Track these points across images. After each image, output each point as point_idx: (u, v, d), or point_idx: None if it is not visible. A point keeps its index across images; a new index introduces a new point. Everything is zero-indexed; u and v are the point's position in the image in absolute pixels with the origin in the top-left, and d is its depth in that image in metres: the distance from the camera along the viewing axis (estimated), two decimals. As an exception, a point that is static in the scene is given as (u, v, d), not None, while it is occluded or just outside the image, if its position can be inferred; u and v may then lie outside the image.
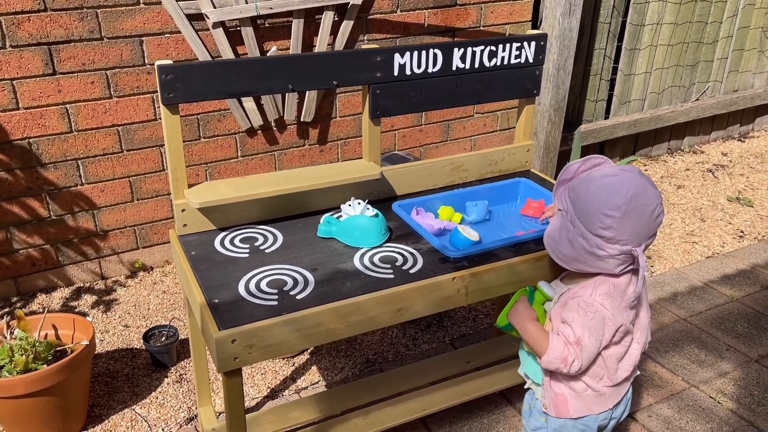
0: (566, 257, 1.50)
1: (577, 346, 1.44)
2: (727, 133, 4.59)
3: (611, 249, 1.41)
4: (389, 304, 1.50)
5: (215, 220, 1.75)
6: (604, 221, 1.39)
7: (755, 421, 2.14)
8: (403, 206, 1.88)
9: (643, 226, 1.41)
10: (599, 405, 1.55)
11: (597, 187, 1.42)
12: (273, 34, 2.84)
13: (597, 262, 1.45)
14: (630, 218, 1.39)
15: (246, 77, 1.62)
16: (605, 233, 1.40)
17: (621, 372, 1.54)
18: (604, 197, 1.40)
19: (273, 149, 3.06)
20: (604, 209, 1.39)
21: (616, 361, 1.52)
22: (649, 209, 1.41)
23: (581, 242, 1.44)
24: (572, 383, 1.54)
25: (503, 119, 3.62)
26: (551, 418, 1.60)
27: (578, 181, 1.48)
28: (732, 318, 2.67)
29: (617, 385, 1.55)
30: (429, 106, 1.90)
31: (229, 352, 1.36)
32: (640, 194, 1.39)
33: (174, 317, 2.63)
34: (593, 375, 1.52)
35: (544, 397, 1.59)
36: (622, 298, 1.47)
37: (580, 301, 1.47)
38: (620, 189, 1.39)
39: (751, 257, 3.13)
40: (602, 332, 1.45)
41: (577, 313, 1.45)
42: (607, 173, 1.44)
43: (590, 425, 1.59)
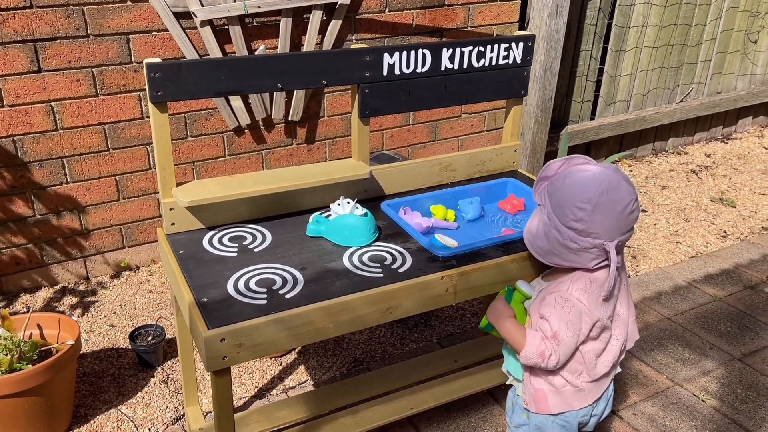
0: (542, 250, 1.54)
1: (554, 341, 1.47)
2: (710, 135, 4.65)
3: (583, 242, 1.45)
4: (378, 303, 1.50)
5: (203, 219, 1.75)
6: (576, 213, 1.43)
7: (738, 419, 2.17)
8: (392, 205, 1.89)
9: (614, 221, 1.44)
10: (579, 401, 1.58)
11: (572, 181, 1.46)
12: (261, 33, 2.83)
13: (571, 256, 1.49)
14: (601, 212, 1.42)
15: (235, 76, 1.62)
16: (577, 225, 1.44)
17: (600, 368, 1.56)
18: (578, 190, 1.44)
19: (261, 148, 3.05)
20: (576, 202, 1.43)
21: (595, 356, 1.55)
22: (621, 204, 1.44)
23: (555, 235, 1.48)
24: (551, 379, 1.56)
25: (490, 120, 3.63)
26: (533, 415, 1.62)
27: (557, 177, 1.51)
28: (715, 317, 2.71)
29: (596, 380, 1.58)
30: (418, 106, 1.91)
31: (218, 351, 1.36)
32: (612, 189, 1.43)
33: (161, 317, 2.62)
34: (572, 370, 1.54)
35: (525, 393, 1.60)
36: (599, 294, 1.49)
37: (557, 296, 1.49)
38: (593, 183, 1.43)
39: (734, 257, 3.17)
40: (579, 327, 1.48)
41: (554, 308, 1.48)
42: (584, 169, 1.48)
43: (570, 421, 1.61)
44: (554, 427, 1.61)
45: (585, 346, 1.52)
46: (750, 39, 4.51)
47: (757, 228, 3.46)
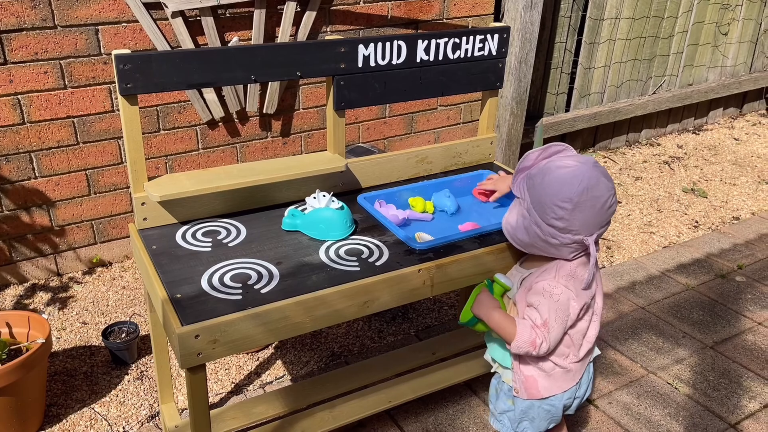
0: (522, 243, 1.56)
1: (544, 328, 1.48)
2: (682, 126, 4.71)
3: (563, 238, 1.46)
4: (355, 297, 1.49)
5: (176, 214, 1.71)
6: (557, 212, 1.44)
7: (710, 406, 2.21)
8: (368, 198, 1.88)
9: (594, 217, 1.45)
10: (567, 381, 1.60)
11: (552, 179, 1.46)
12: (234, 24, 2.79)
13: (550, 249, 1.51)
14: (582, 210, 1.43)
15: (207, 67, 1.59)
16: (558, 223, 1.45)
17: (584, 346, 1.60)
18: (558, 189, 1.44)
19: (235, 141, 3.01)
20: (556, 200, 1.43)
21: (581, 336, 1.58)
22: (601, 201, 1.45)
23: (535, 230, 1.49)
24: (540, 364, 1.58)
25: (466, 112, 3.63)
26: (518, 400, 1.63)
27: (536, 170, 1.51)
28: (688, 306, 2.75)
29: (582, 359, 1.61)
30: (393, 97, 1.90)
31: (193, 347, 1.33)
32: (592, 186, 1.43)
33: (134, 313, 2.58)
34: (560, 354, 1.57)
35: (515, 381, 1.61)
36: (582, 280, 1.52)
37: (545, 284, 1.51)
38: (573, 181, 1.43)
39: (706, 246, 3.22)
40: (567, 313, 1.50)
41: (542, 297, 1.49)
42: (563, 165, 1.47)
43: (556, 405, 1.63)
44: (540, 412, 1.63)
45: (573, 329, 1.55)
46: (721, 31, 4.57)
47: (727, 218, 3.52)
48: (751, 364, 2.40)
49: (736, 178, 4.00)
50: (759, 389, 2.28)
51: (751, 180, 3.98)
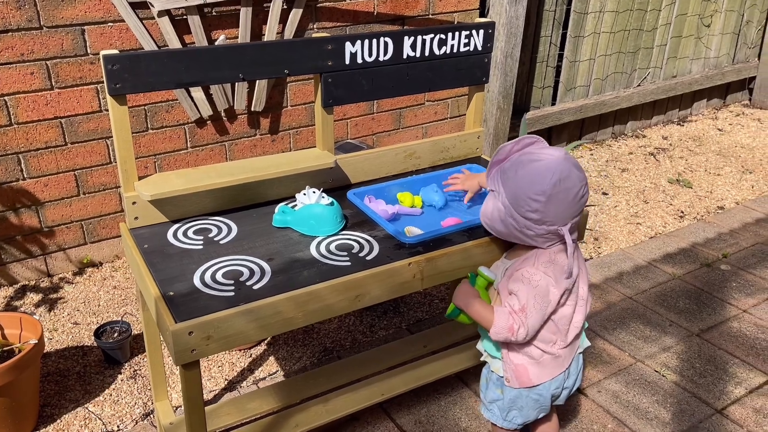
0: (500, 233, 1.61)
1: (522, 314, 1.52)
2: (667, 118, 4.76)
3: (538, 229, 1.51)
4: (346, 292, 1.51)
5: (167, 212, 1.72)
6: (531, 205, 1.48)
7: (697, 392, 2.25)
8: (357, 194, 1.90)
9: (567, 207, 1.50)
10: (557, 367, 1.64)
11: (524, 173, 1.50)
12: (221, 22, 2.79)
13: (527, 239, 1.55)
14: (555, 202, 1.47)
15: (195, 67, 1.60)
16: (532, 215, 1.49)
17: (572, 331, 1.63)
18: (531, 182, 1.48)
19: (223, 139, 3.02)
20: (530, 194, 1.47)
21: (567, 322, 1.61)
22: (573, 192, 1.48)
23: (511, 222, 1.53)
24: (529, 351, 1.61)
25: (453, 107, 3.66)
26: (507, 390, 1.66)
27: (509, 164, 1.55)
28: (674, 295, 2.79)
29: (570, 344, 1.64)
30: (381, 94, 1.91)
31: (186, 344, 1.35)
32: (564, 178, 1.47)
33: (126, 312, 2.58)
34: (546, 340, 1.60)
35: (505, 371, 1.64)
36: (562, 266, 1.55)
37: (524, 271, 1.55)
38: (546, 174, 1.47)
39: (691, 236, 3.27)
40: (548, 299, 1.53)
41: (522, 283, 1.54)
42: (535, 158, 1.51)
43: (544, 394, 1.66)
44: (528, 401, 1.66)
45: (556, 315, 1.58)
46: (703, 23, 4.62)
47: (712, 208, 3.57)
48: (736, 351, 2.45)
49: (721, 168, 4.05)
50: (744, 375, 2.33)
51: (735, 170, 4.03)
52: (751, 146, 4.38)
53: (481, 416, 2.12)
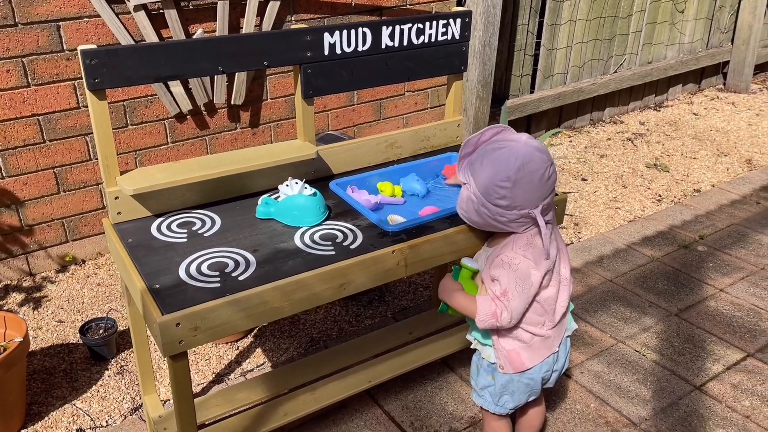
0: (477, 223, 1.64)
1: (504, 297, 1.56)
2: (643, 104, 4.82)
3: (510, 214, 1.55)
4: (332, 280, 1.53)
5: (150, 207, 1.73)
6: (499, 192, 1.52)
7: (676, 370, 2.30)
8: (340, 184, 1.91)
9: (535, 190, 1.53)
10: (547, 348, 1.68)
11: (489, 161, 1.54)
12: (198, 16, 2.78)
13: (501, 226, 1.59)
14: (521, 186, 1.51)
15: (175, 60, 1.60)
16: (502, 202, 1.53)
17: (558, 310, 1.67)
18: (495, 170, 1.52)
19: (204, 134, 3.02)
20: (496, 181, 1.52)
21: (553, 302, 1.65)
22: (538, 174, 1.52)
23: (484, 211, 1.57)
24: (519, 335, 1.64)
25: (433, 97, 3.68)
26: (498, 375, 1.69)
27: (476, 155, 1.59)
28: (653, 276, 2.85)
29: (557, 324, 1.68)
30: (360, 84, 1.93)
31: (174, 335, 1.36)
32: (527, 162, 1.51)
33: (111, 309, 2.58)
34: (535, 323, 1.63)
35: (498, 357, 1.67)
36: (540, 248, 1.59)
37: (503, 256, 1.59)
38: (509, 160, 1.51)
39: (669, 219, 3.33)
40: (529, 281, 1.57)
41: (502, 268, 1.57)
42: (498, 146, 1.56)
43: (535, 378, 1.69)
44: (519, 385, 1.69)
45: (541, 296, 1.61)
46: (677, 9, 4.68)
47: (689, 191, 3.63)
48: (714, 329, 2.51)
49: (697, 152, 4.12)
50: (722, 352, 2.39)
51: (710, 153, 4.10)
52: (726, 130, 4.45)
53: (467, 400, 2.16)
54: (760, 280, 2.81)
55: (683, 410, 2.12)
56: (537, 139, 1.58)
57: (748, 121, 4.60)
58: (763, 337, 2.45)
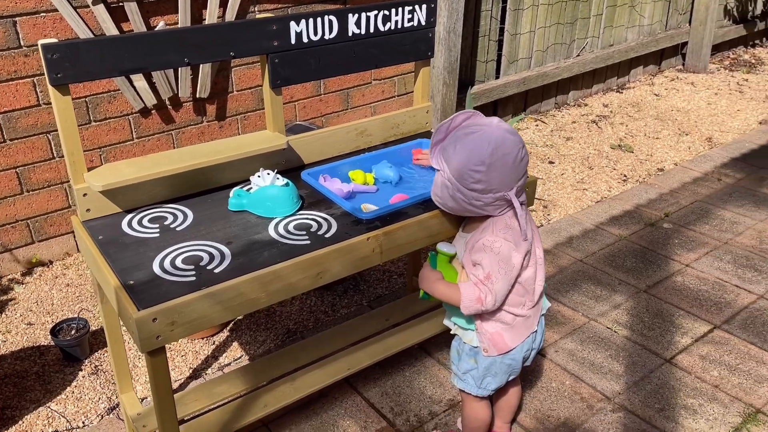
0: (453, 209, 1.65)
1: (487, 281, 1.57)
2: (606, 86, 4.90)
3: (486, 198, 1.56)
4: (308, 269, 1.53)
5: (120, 203, 1.70)
6: (474, 176, 1.53)
7: (647, 344, 2.36)
8: (312, 174, 1.91)
9: (509, 172, 1.55)
10: (528, 327, 1.71)
11: (462, 146, 1.55)
12: (159, 8, 2.74)
13: (478, 210, 1.60)
14: (495, 169, 1.53)
15: (138, 53, 1.57)
16: (477, 186, 1.54)
17: (537, 290, 1.70)
18: (469, 155, 1.53)
19: (170, 128, 2.97)
20: (470, 166, 1.53)
21: (532, 282, 1.68)
22: (511, 157, 1.54)
23: (460, 196, 1.58)
24: (501, 317, 1.66)
25: (400, 85, 3.68)
26: (481, 358, 1.71)
27: (448, 141, 1.60)
28: (621, 255, 2.91)
29: (536, 304, 1.71)
30: (328, 73, 1.92)
31: (151, 331, 1.35)
32: (500, 145, 1.53)
33: (82, 309, 2.54)
34: (516, 304, 1.66)
35: (481, 341, 1.69)
36: (518, 230, 1.61)
37: (484, 240, 1.60)
38: (482, 144, 1.52)
39: (634, 198, 3.40)
40: (511, 263, 1.59)
41: (484, 252, 1.59)
42: (470, 131, 1.57)
43: (516, 358, 1.72)
44: (502, 367, 1.72)
45: (522, 277, 1.64)
46: (636, -8, 4.75)
47: (653, 170, 3.71)
48: (681, 303, 2.58)
49: (659, 132, 4.21)
50: (690, 325, 2.46)
51: (672, 133, 4.19)
52: (686, 109, 4.55)
53: (445, 383, 2.19)
54: (723, 254, 2.89)
55: (655, 383, 2.18)
56: (507, 123, 1.60)
57: (707, 100, 4.71)
58: (729, 309, 2.53)
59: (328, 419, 2.05)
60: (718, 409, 2.07)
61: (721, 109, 4.53)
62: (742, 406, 2.08)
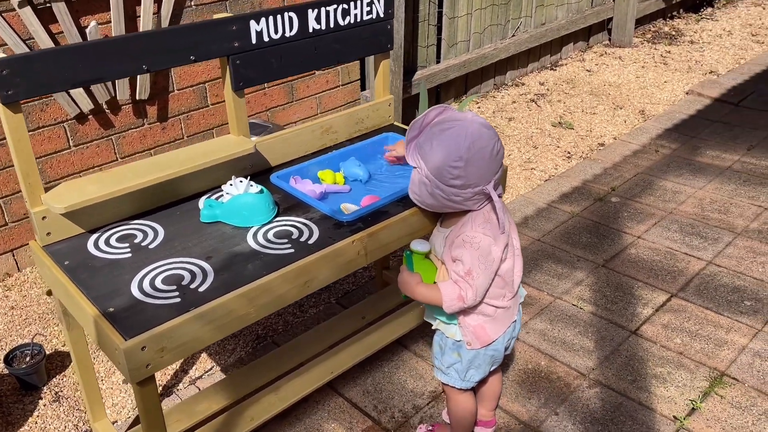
0: (432, 206, 1.63)
1: (468, 277, 1.57)
2: (540, 64, 4.99)
3: (465, 193, 1.55)
4: (296, 279, 1.48)
5: (83, 223, 1.59)
6: (452, 172, 1.52)
7: (612, 318, 2.44)
8: (281, 177, 1.85)
9: (487, 166, 1.54)
10: (508, 318, 1.72)
11: (439, 143, 1.53)
12: (90, 7, 2.57)
13: (457, 205, 1.59)
14: (473, 164, 1.52)
15: (95, 62, 1.46)
16: (456, 182, 1.53)
17: (516, 281, 1.71)
18: (446, 151, 1.51)
19: (109, 133, 2.82)
20: (449, 162, 1.51)
21: (511, 273, 1.68)
22: (488, 150, 1.54)
23: (439, 193, 1.56)
24: (483, 310, 1.67)
25: (344, 74, 3.62)
26: (464, 352, 1.72)
27: (423, 138, 1.58)
28: (576, 231, 2.99)
29: (515, 294, 1.72)
30: (291, 71, 1.86)
31: (140, 360, 1.27)
32: (476, 140, 1.52)
33: (35, 333, 2.38)
34: (497, 296, 1.67)
35: (464, 335, 1.69)
36: (497, 224, 1.61)
37: (464, 236, 1.59)
38: (459, 140, 1.51)
39: (581, 175, 3.49)
40: (491, 258, 1.58)
41: (464, 248, 1.58)
42: (446, 127, 1.55)
43: (499, 348, 1.73)
44: (485, 358, 1.73)
45: (501, 269, 1.64)
46: (563, -29, 4.85)
47: (594, 146, 3.82)
48: (638, 275, 2.67)
49: (595, 107, 4.33)
50: (649, 296, 2.55)
51: (607, 108, 4.32)
52: (618, 83, 4.70)
53: (425, 376, 2.19)
54: (670, 224, 3.02)
55: (624, 355, 2.26)
56: (479, 116, 1.59)
57: (636, 73, 4.88)
58: (682, 277, 2.65)
59: (312, 424, 2.02)
60: (686, 376, 2.17)
61: (650, 82, 4.71)
62: (707, 371, 2.19)
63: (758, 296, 2.51)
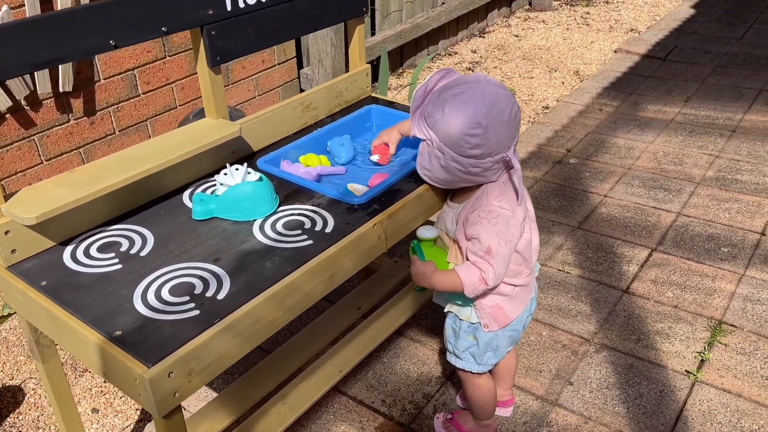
0: (445, 182, 1.49)
1: (487, 256, 1.44)
2: (470, 32, 4.93)
3: (484, 163, 1.41)
4: (321, 273, 1.31)
5: (53, 234, 1.34)
6: (471, 141, 1.37)
7: (601, 279, 2.41)
8: (270, 161, 1.64)
9: (506, 130, 1.41)
10: (526, 295, 1.61)
11: (451, 110, 1.38)
12: (-2, -14, 2.21)
13: (475, 178, 1.45)
14: (493, 129, 1.38)
15: (55, 38, 1.21)
16: (475, 152, 1.39)
17: (533, 255, 1.60)
18: (462, 119, 1.36)
19: (31, 133, 2.47)
20: (466, 130, 1.36)
21: (530, 247, 1.57)
22: (507, 113, 1.40)
23: (455, 166, 1.42)
24: (500, 290, 1.55)
25: (279, 52, 3.39)
26: (481, 334, 1.60)
27: (430, 106, 1.42)
28: (544, 196, 2.94)
29: (532, 269, 1.61)
30: (269, 41, 1.65)
31: (168, 389, 1.06)
32: (494, 103, 1.38)
33: (-24, 370, 2.06)
34: (515, 274, 1.55)
35: (482, 317, 1.57)
36: (512, 196, 1.49)
37: (479, 212, 1.45)
38: (476, 105, 1.36)
39: (534, 139, 3.46)
40: (510, 232, 1.46)
41: (480, 224, 1.44)
42: (456, 92, 1.40)
43: (518, 328, 1.63)
44: (503, 339, 1.62)
45: (519, 245, 1.52)
46: (484, -65, 4.78)
47: (539, 109, 3.81)
48: (615, 233, 2.66)
49: (531, 71, 4.32)
50: (630, 253, 2.54)
51: (542, 71, 4.32)
52: (547, 47, 4.72)
53: (428, 361, 2.07)
54: (631, 179, 3.03)
55: (622, 315, 2.23)
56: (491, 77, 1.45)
57: (562, 36, 4.92)
58: (657, 231, 2.66)
59: (319, 429, 1.85)
60: (686, 328, 2.17)
61: (577, 43, 4.76)
62: (705, 321, 2.19)
63: (732, 241, 2.56)
